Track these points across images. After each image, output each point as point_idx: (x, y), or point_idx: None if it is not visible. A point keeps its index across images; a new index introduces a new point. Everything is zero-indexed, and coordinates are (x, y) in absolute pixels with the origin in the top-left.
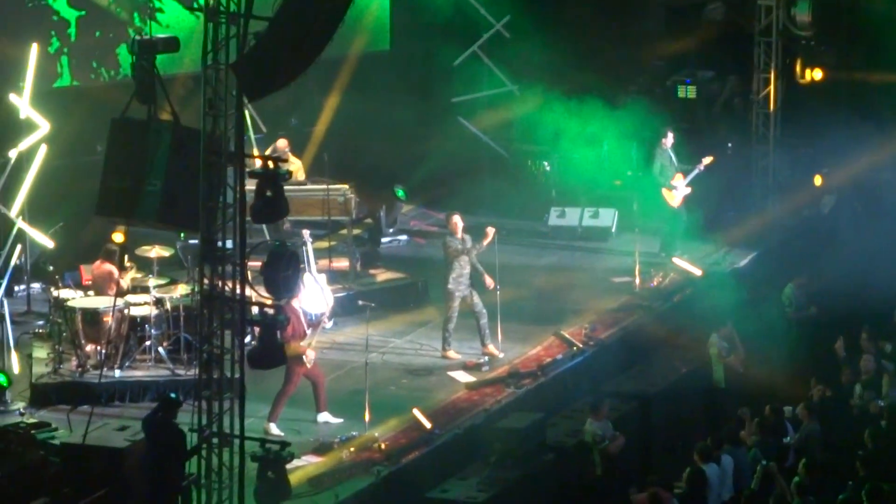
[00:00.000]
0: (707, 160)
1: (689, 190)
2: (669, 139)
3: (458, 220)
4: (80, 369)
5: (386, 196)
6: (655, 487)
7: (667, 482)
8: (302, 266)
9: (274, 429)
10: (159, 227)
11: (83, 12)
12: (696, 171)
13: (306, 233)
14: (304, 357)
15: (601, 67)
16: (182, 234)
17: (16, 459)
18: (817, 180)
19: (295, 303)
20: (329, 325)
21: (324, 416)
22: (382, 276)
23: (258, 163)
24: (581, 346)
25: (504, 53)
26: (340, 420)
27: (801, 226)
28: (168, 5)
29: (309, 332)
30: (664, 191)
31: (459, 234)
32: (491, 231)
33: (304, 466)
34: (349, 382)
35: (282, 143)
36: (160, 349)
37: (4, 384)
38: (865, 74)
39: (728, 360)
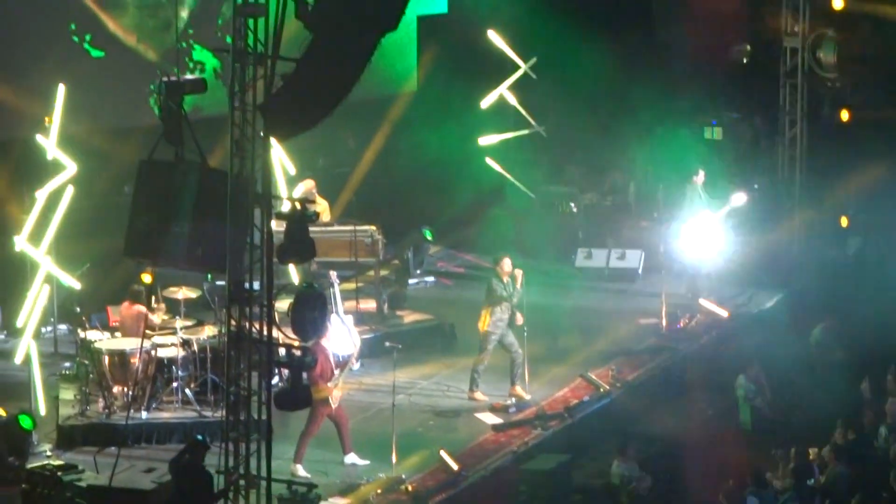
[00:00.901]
0: (737, 197)
1: (718, 228)
2: (700, 177)
3: (508, 264)
4: (106, 411)
5: (413, 237)
6: None
7: None
8: (329, 307)
9: (300, 470)
10: (186, 268)
11: (103, 53)
12: (726, 209)
13: (333, 274)
14: (329, 398)
15: (628, 109)
16: (209, 276)
17: (42, 501)
18: (843, 222)
19: (324, 342)
20: (356, 366)
21: (351, 458)
22: (409, 317)
23: (286, 204)
24: (608, 387)
25: (531, 94)
26: (367, 462)
27: (828, 267)
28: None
29: (336, 372)
30: (691, 231)
31: (506, 279)
32: (519, 273)
33: None
34: (376, 424)
35: (309, 185)
36: (187, 391)
37: (30, 427)
38: (891, 114)
39: (755, 402)
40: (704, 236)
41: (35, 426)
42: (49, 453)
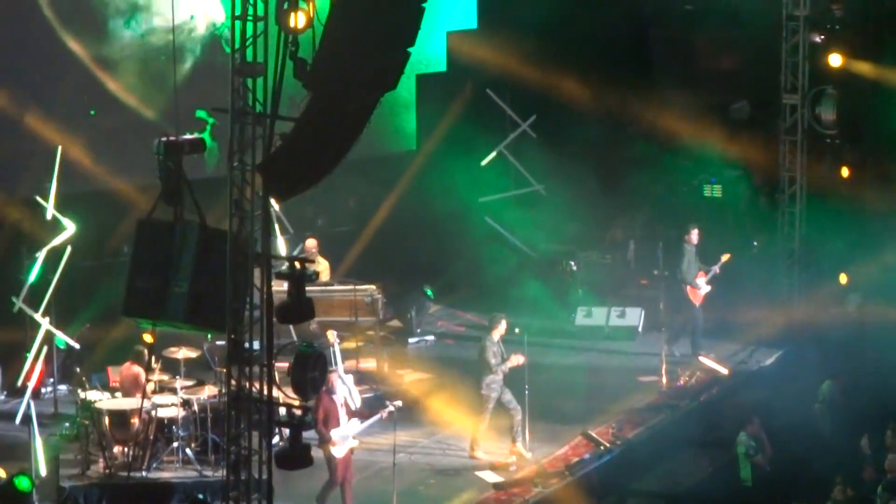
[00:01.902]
0: (725, 258)
1: (709, 288)
2: (694, 236)
3: (504, 326)
4: (107, 471)
5: (415, 296)
6: None
7: None
8: (331, 368)
9: None
10: (186, 328)
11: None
12: (714, 271)
13: (334, 333)
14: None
15: (627, 166)
16: (209, 335)
17: None
18: (842, 279)
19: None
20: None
21: None
22: (410, 376)
23: (285, 264)
24: (608, 445)
25: (530, 153)
26: None
27: (828, 324)
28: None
29: (351, 421)
30: (689, 289)
31: (496, 338)
32: (519, 359)
33: None
34: (377, 483)
35: (310, 244)
36: (188, 450)
37: (27, 488)
38: (891, 171)
39: (756, 458)
40: (699, 294)
41: (33, 487)
42: None
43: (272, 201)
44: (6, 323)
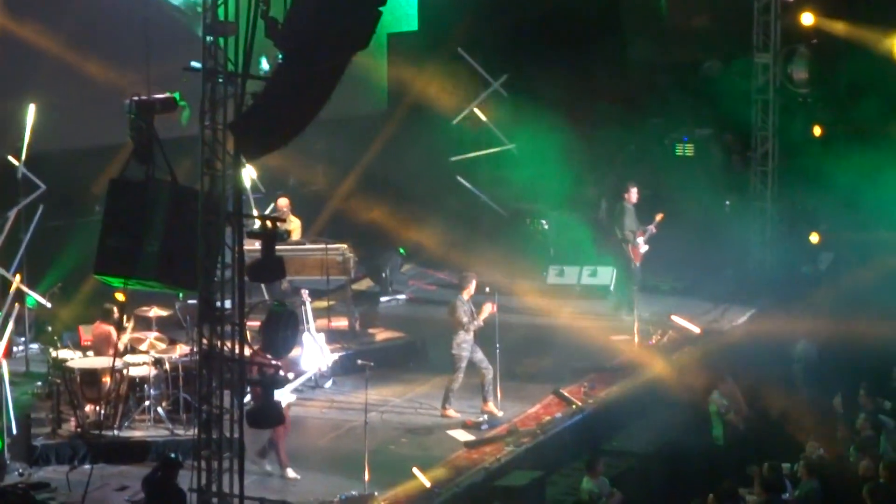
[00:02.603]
0: (659, 217)
1: (647, 247)
2: (633, 195)
3: (474, 284)
4: (79, 429)
5: (387, 255)
6: None
7: None
8: (301, 326)
9: (291, 473)
10: (158, 286)
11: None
12: (650, 230)
13: (305, 292)
14: None
15: (599, 125)
16: (181, 294)
17: None
18: (813, 238)
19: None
20: (328, 384)
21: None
22: (381, 335)
23: (257, 223)
24: (580, 404)
25: (502, 112)
26: (299, 476)
27: (800, 283)
28: None
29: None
30: (629, 247)
31: (466, 297)
32: (489, 307)
33: None
34: (349, 442)
35: (282, 202)
36: (159, 409)
37: (0, 447)
38: (863, 129)
39: (728, 417)
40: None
41: (4, 446)
42: (21, 472)
43: (244, 160)
44: None
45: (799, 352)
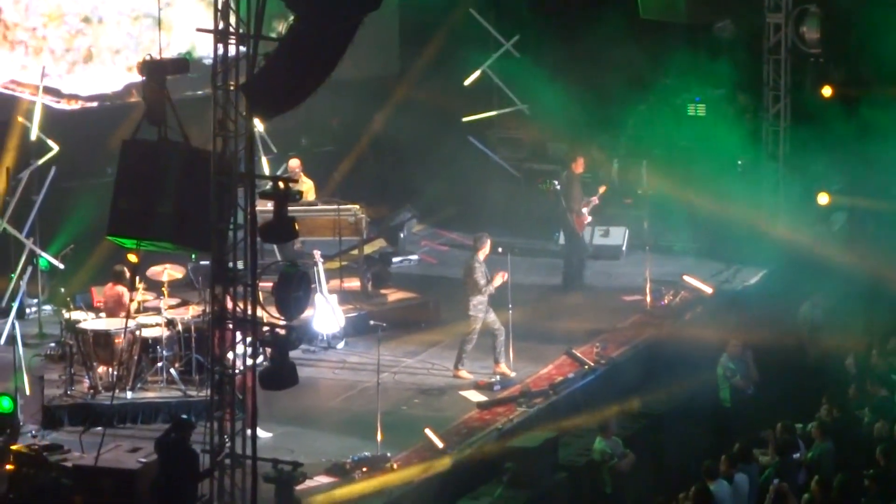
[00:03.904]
0: (602, 189)
1: (590, 218)
2: (580, 165)
3: (489, 245)
4: (91, 391)
5: (399, 216)
6: None
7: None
8: (313, 286)
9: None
10: (170, 247)
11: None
12: (593, 201)
13: (317, 253)
14: None
15: (611, 85)
16: (193, 255)
17: (28, 481)
18: (822, 198)
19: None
20: (340, 345)
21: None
22: (394, 296)
23: (269, 183)
24: (592, 364)
25: (514, 72)
26: (270, 434)
27: (812, 243)
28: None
29: None
30: (574, 217)
31: (483, 258)
32: (502, 276)
33: (317, 487)
34: (361, 402)
35: (294, 163)
36: (172, 370)
37: (9, 409)
38: (875, 90)
39: (735, 380)
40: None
41: (15, 407)
42: (34, 433)
43: (256, 121)
44: None
45: (804, 313)
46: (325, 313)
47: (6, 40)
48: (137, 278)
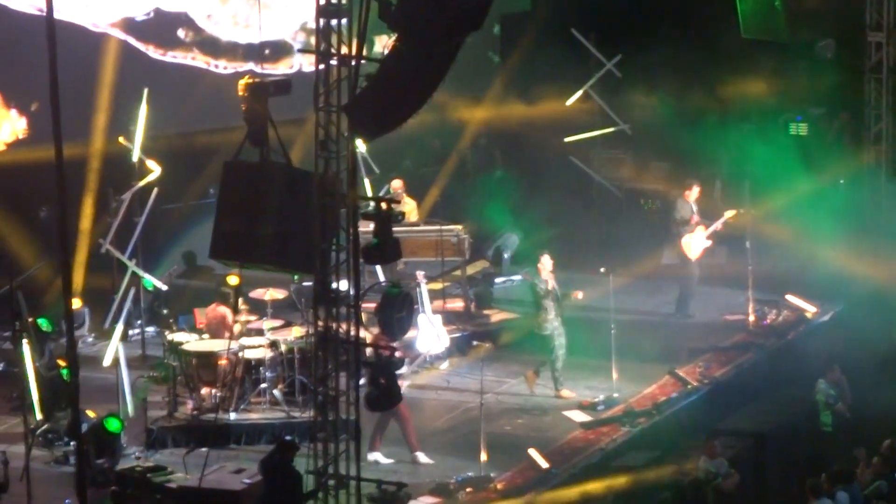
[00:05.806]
0: (729, 214)
1: (709, 243)
2: (694, 193)
3: (547, 262)
4: (195, 412)
5: (505, 236)
6: None
7: None
8: (416, 307)
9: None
10: (273, 269)
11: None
12: (715, 226)
13: (420, 274)
14: None
15: (713, 105)
16: (296, 277)
17: (131, 503)
18: None
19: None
20: (444, 366)
21: (420, 456)
22: (497, 316)
23: (371, 204)
24: (696, 384)
25: (616, 93)
26: (432, 461)
27: None
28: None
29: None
30: (682, 242)
31: (544, 276)
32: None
33: None
34: (464, 423)
35: (396, 184)
36: (275, 392)
37: (117, 429)
38: None
39: (835, 406)
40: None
41: (123, 428)
42: (138, 455)
43: (358, 142)
44: (93, 266)
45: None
46: (429, 334)
47: None
48: (240, 300)
